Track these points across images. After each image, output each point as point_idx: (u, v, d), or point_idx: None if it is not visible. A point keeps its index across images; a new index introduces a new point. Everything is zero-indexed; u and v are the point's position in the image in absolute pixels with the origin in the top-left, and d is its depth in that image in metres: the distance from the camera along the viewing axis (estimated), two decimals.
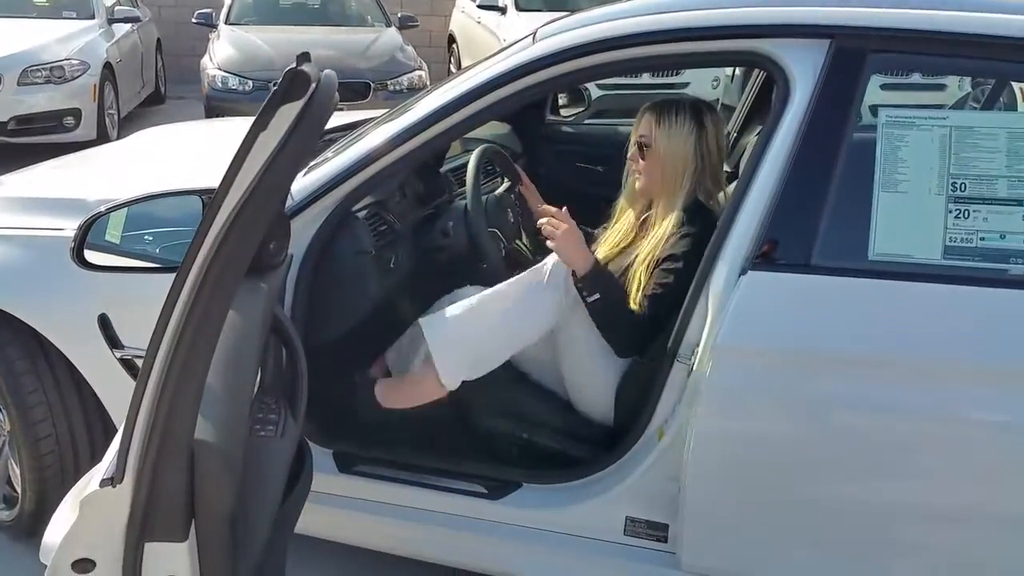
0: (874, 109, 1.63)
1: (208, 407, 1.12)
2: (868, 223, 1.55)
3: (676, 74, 6.43)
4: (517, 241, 2.25)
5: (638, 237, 2.03)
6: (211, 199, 1.18)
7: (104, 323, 1.95)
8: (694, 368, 1.66)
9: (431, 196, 2.39)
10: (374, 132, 1.93)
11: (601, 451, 1.96)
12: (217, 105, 6.38)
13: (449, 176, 2.47)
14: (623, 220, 2.09)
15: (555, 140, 3.26)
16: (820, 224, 1.58)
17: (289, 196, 1.88)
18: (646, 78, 6.20)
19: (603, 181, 3.16)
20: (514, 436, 2.00)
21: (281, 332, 1.56)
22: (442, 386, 1.94)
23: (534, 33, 1.86)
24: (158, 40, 8.71)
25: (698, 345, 1.67)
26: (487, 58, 2.03)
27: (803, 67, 1.60)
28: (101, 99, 6.34)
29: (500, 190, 2.27)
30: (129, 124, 6.87)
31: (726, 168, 2.97)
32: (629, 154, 2.02)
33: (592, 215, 2.26)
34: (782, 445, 1.65)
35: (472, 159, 2.15)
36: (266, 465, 1.35)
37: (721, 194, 2.03)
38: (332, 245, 1.96)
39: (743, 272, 1.59)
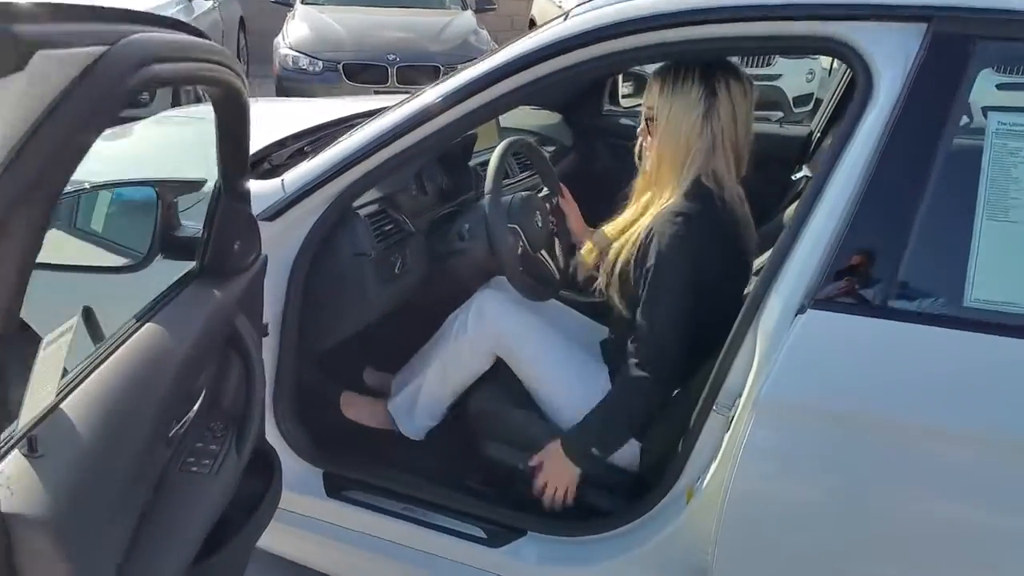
0: (986, 112, 1.29)
1: (61, 451, 0.86)
2: (966, 259, 1.21)
3: (766, 64, 5.50)
4: (543, 252, 1.96)
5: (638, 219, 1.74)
6: None
7: None
8: (733, 422, 1.36)
9: (455, 192, 2.13)
10: (383, 118, 1.68)
11: (621, 500, 1.68)
12: (288, 85, 6.25)
13: (479, 170, 2.19)
14: (634, 204, 1.78)
15: (612, 133, 2.95)
16: (903, 256, 1.25)
17: (282, 188, 1.66)
18: None
19: None
20: (518, 468, 1.74)
21: (239, 347, 1.33)
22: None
23: (567, 12, 1.58)
24: (241, 18, 8.66)
25: (740, 395, 1.36)
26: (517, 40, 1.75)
27: (890, 57, 1.26)
28: None
29: (530, 193, 1.98)
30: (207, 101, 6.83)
31: (805, 172, 2.64)
32: (639, 128, 1.72)
33: None
34: (837, 526, 1.33)
35: (497, 151, 1.87)
36: (183, 510, 1.11)
37: (736, 185, 1.66)
38: (330, 244, 1.72)
39: (801, 310, 1.27)
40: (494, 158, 1.85)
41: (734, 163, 1.62)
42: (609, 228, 1.77)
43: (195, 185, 1.36)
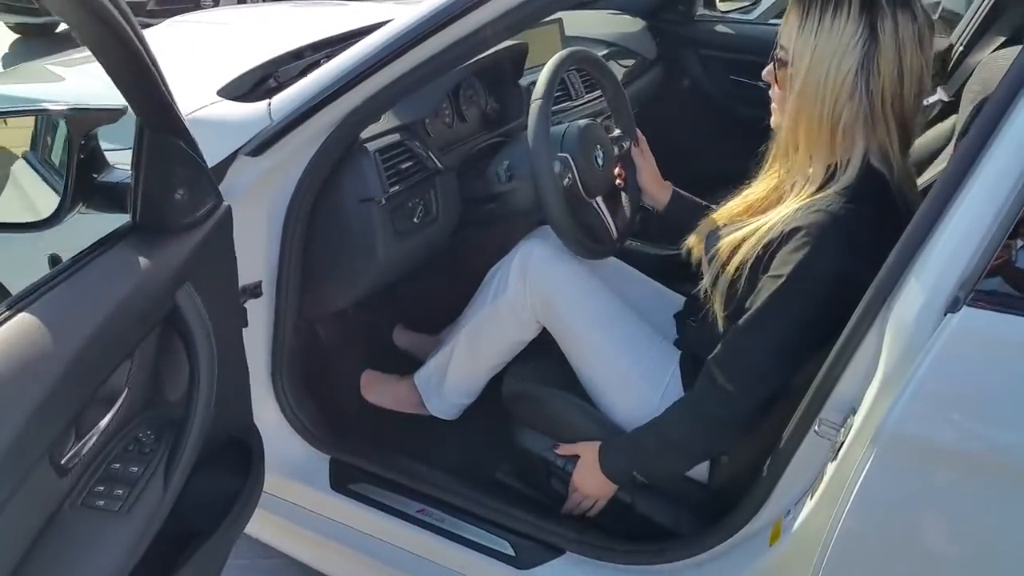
0: None
1: None
2: None
3: None
4: (599, 201, 1.56)
5: (767, 206, 1.27)
6: None
7: None
8: (843, 450, 0.98)
9: (501, 118, 1.75)
10: (395, 22, 1.30)
11: (685, 520, 1.33)
12: None
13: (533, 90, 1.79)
14: (766, 177, 1.32)
15: (705, 43, 2.47)
16: None
17: (268, 114, 1.31)
18: None
19: (764, 103, 2.38)
20: (555, 465, 1.41)
21: (180, 328, 1.02)
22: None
23: None
24: None
25: (853, 413, 0.98)
26: None
27: None
28: None
29: (592, 122, 1.56)
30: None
31: (940, 96, 2.11)
32: (763, 72, 1.28)
33: (742, 153, 1.56)
34: None
35: (551, 62, 1.46)
36: (72, 566, 0.83)
37: (906, 163, 1.19)
38: (332, 186, 1.39)
39: (953, 308, 0.87)
40: (546, 69, 1.45)
41: (898, 135, 1.14)
42: (722, 212, 1.34)
43: (115, 114, 1.04)
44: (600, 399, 1.41)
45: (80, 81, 1.84)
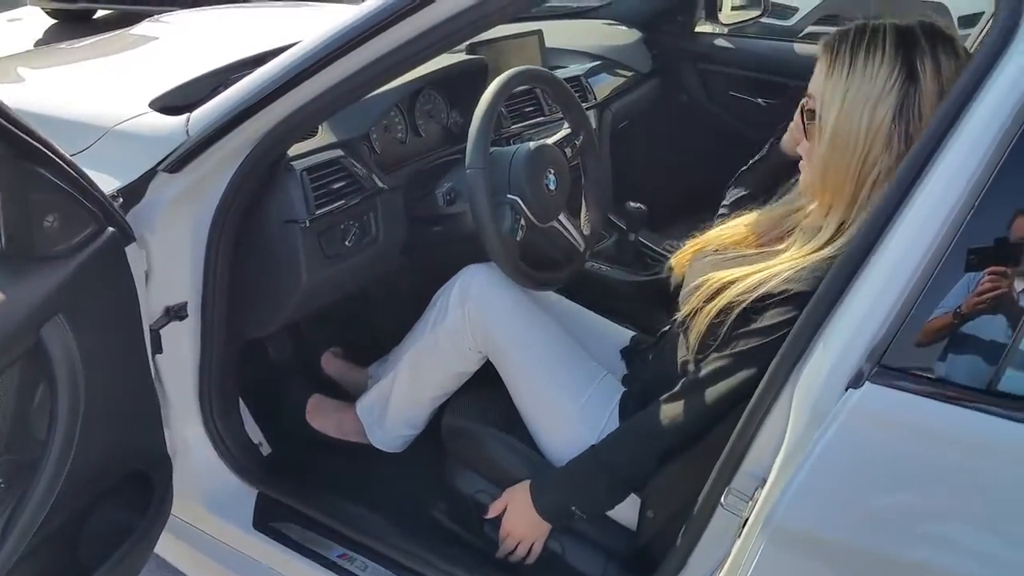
0: None
1: None
2: None
3: None
4: (561, 219, 1.46)
5: (765, 242, 1.17)
6: None
7: None
8: (745, 530, 0.88)
9: (464, 134, 1.66)
10: (329, 27, 1.20)
11: (612, 572, 1.25)
12: None
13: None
14: (771, 211, 1.20)
15: (704, 58, 2.34)
16: None
17: (185, 129, 1.25)
18: None
19: (764, 122, 2.25)
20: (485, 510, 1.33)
21: (45, 368, 0.96)
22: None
23: None
24: None
25: (762, 485, 0.88)
26: None
27: None
28: None
29: (541, 143, 1.47)
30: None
31: None
32: (791, 125, 1.16)
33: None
34: None
35: (491, 87, 1.38)
36: None
37: None
38: (257, 205, 1.32)
39: (856, 383, 0.76)
40: (485, 99, 1.36)
41: None
42: (713, 236, 1.23)
43: None
44: (538, 435, 1.33)
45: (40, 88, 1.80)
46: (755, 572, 0.81)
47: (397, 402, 1.51)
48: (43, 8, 6.19)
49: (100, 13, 6.40)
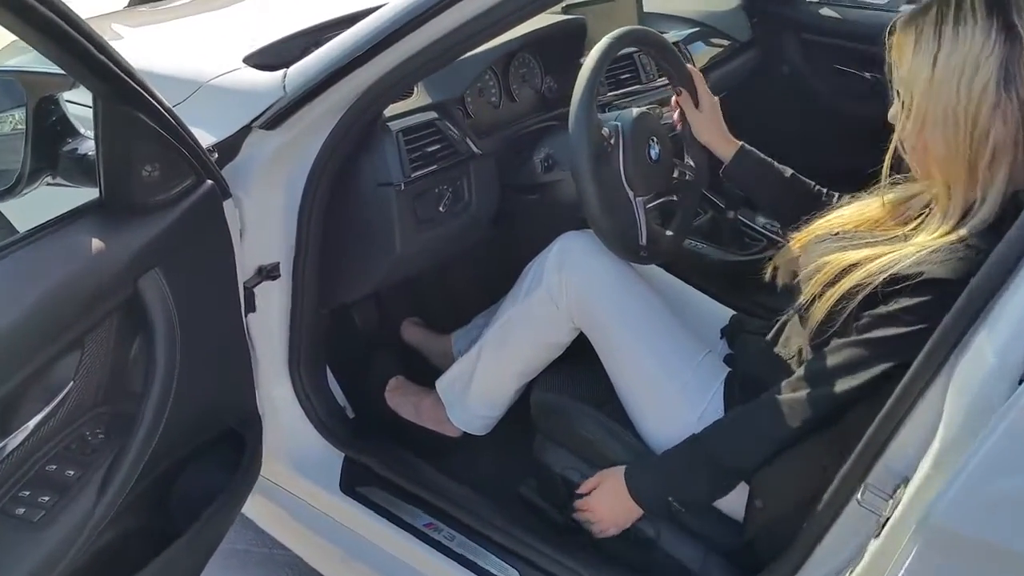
0: None
1: None
2: None
3: None
4: (640, 201, 1.36)
5: (886, 228, 1.06)
6: None
7: None
8: (886, 529, 0.80)
9: (559, 99, 1.59)
10: None
11: (712, 564, 1.18)
12: None
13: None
14: (895, 203, 1.09)
15: (808, 27, 2.21)
16: None
17: (282, 85, 1.21)
18: None
19: (869, 94, 2.12)
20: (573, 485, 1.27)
21: (141, 322, 0.94)
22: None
23: None
24: None
25: (905, 484, 0.80)
26: None
27: None
28: None
29: (646, 110, 1.36)
30: None
31: None
32: (889, 115, 1.04)
33: (846, 153, 1.37)
34: None
35: (596, 48, 1.30)
36: None
37: None
38: (352, 166, 1.28)
39: None
40: (590, 58, 1.28)
41: None
42: (824, 222, 1.14)
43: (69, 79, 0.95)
44: (634, 413, 1.26)
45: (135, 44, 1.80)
46: (914, 561, 0.73)
47: (481, 376, 1.44)
48: None
49: None
